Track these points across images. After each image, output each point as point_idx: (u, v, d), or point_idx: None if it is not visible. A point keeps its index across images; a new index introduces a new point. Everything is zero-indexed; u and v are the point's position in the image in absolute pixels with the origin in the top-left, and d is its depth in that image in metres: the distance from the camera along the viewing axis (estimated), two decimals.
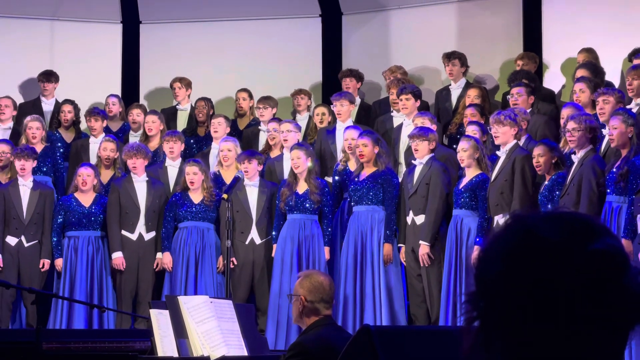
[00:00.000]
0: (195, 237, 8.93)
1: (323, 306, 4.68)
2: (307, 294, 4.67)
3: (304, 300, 4.66)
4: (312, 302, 4.66)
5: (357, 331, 3.87)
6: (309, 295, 4.67)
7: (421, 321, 8.40)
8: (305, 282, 4.72)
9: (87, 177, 8.99)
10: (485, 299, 1.40)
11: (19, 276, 8.96)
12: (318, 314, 4.67)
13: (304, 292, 4.68)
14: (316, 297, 4.66)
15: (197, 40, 11.76)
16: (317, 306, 4.67)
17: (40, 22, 11.68)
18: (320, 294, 4.67)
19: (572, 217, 1.40)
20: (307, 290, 4.68)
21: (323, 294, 4.68)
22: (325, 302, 4.69)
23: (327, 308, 4.70)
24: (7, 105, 10.24)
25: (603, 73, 9.38)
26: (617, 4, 10.12)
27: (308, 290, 4.68)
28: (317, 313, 4.67)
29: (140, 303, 8.90)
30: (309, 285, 4.69)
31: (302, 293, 4.69)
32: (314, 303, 4.66)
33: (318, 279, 4.74)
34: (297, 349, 4.53)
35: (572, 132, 7.56)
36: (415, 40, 11.18)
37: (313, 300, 4.66)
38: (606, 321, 1.35)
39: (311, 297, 4.66)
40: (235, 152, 9.26)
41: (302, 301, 4.67)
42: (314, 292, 4.67)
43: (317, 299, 4.66)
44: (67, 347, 5.06)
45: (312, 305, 4.67)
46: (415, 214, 8.45)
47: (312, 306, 4.67)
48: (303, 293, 4.68)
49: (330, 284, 4.77)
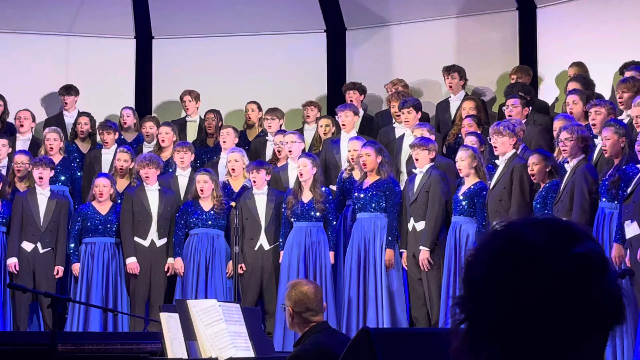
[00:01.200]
0: (205, 243, 9.05)
1: (310, 314, 4.67)
2: (293, 305, 4.68)
3: (292, 311, 4.68)
4: (299, 313, 4.67)
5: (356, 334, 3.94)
6: (295, 306, 4.67)
7: (422, 323, 8.50)
8: (291, 292, 4.72)
9: (103, 188, 9.14)
10: (472, 302, 1.42)
11: (34, 281, 9.09)
12: (308, 322, 4.68)
13: (291, 303, 4.69)
14: (302, 308, 4.67)
15: (207, 54, 11.85)
16: (304, 316, 4.67)
17: (56, 37, 11.79)
18: (305, 304, 4.67)
19: (556, 222, 1.43)
20: (293, 302, 4.69)
21: (308, 303, 4.67)
22: (312, 310, 4.68)
23: (315, 315, 4.69)
24: (26, 117, 10.42)
25: (593, 85, 9.47)
26: (608, 20, 10.21)
27: (294, 301, 4.69)
28: (306, 321, 4.68)
29: (153, 307, 8.97)
30: (294, 296, 4.69)
31: (289, 304, 4.70)
32: (301, 314, 4.67)
33: (302, 289, 4.72)
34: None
35: (565, 141, 7.68)
36: (416, 54, 11.26)
37: (300, 311, 4.67)
38: (587, 322, 1.37)
39: (297, 308, 4.67)
40: (242, 162, 9.38)
41: (290, 311, 4.69)
42: (299, 303, 4.67)
43: (302, 309, 4.67)
44: (81, 348, 5.21)
45: (299, 316, 4.67)
46: (416, 220, 8.58)
47: (299, 316, 4.67)
48: (290, 304, 4.69)
49: (315, 292, 4.73)
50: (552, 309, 1.36)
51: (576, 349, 1.37)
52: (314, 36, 11.87)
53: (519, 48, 10.83)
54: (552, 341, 1.36)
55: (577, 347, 1.37)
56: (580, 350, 1.38)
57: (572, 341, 1.37)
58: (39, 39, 11.77)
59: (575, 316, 1.36)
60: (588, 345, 1.38)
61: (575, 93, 8.85)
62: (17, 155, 9.68)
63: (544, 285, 1.36)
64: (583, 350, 1.38)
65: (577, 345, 1.37)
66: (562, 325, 1.36)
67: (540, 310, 1.36)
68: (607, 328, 1.40)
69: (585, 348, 1.38)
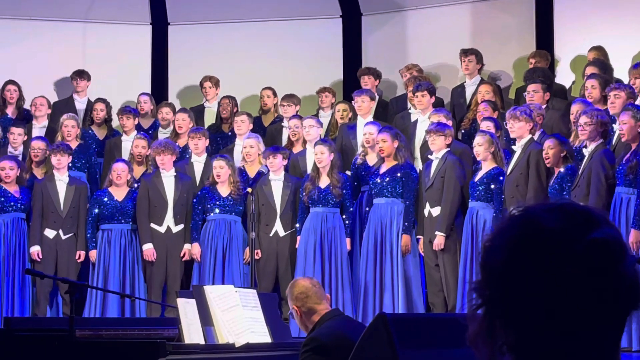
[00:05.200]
0: (222, 229, 9.08)
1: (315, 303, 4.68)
2: (296, 302, 4.69)
3: (297, 309, 4.68)
4: (304, 306, 4.67)
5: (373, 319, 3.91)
6: (298, 302, 4.69)
7: (439, 309, 8.53)
8: (291, 292, 4.74)
9: (121, 172, 9.20)
10: (489, 287, 1.41)
11: (56, 267, 9.17)
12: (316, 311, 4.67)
13: (294, 302, 4.70)
14: (304, 302, 4.67)
15: (223, 40, 11.87)
16: (310, 306, 4.67)
17: (72, 24, 11.83)
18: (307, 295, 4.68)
19: (573, 207, 1.42)
20: (295, 299, 4.70)
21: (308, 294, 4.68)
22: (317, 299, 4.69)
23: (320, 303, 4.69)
24: (42, 104, 10.46)
25: (612, 70, 9.46)
26: (625, 3, 10.20)
27: (295, 299, 4.70)
28: (314, 311, 4.67)
29: (170, 293, 9.02)
30: (295, 295, 4.70)
31: (293, 305, 4.71)
32: (305, 305, 4.67)
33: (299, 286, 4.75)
34: (312, 344, 4.51)
35: (584, 126, 7.69)
36: (431, 40, 11.25)
37: (303, 304, 4.67)
38: (605, 307, 1.37)
39: (300, 304, 4.68)
40: (257, 149, 9.40)
41: (296, 311, 4.69)
42: (300, 299, 4.68)
43: (305, 302, 4.67)
44: (99, 334, 5.15)
45: (305, 309, 4.67)
46: (432, 206, 8.59)
47: (306, 309, 4.67)
48: (294, 304, 4.70)
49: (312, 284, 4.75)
50: (569, 295, 1.36)
51: (593, 335, 1.37)
52: (329, 21, 11.87)
53: (536, 32, 10.81)
54: (569, 327, 1.37)
55: (594, 332, 1.37)
56: (597, 336, 1.38)
57: (589, 327, 1.37)
58: (55, 26, 11.82)
59: (593, 302, 1.36)
60: (605, 331, 1.38)
61: (594, 77, 8.85)
62: (34, 141, 9.74)
63: (561, 270, 1.36)
64: (600, 336, 1.38)
65: (594, 331, 1.37)
66: (579, 310, 1.36)
67: (557, 296, 1.36)
68: (625, 313, 1.39)
69: (602, 333, 1.38)
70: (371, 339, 3.90)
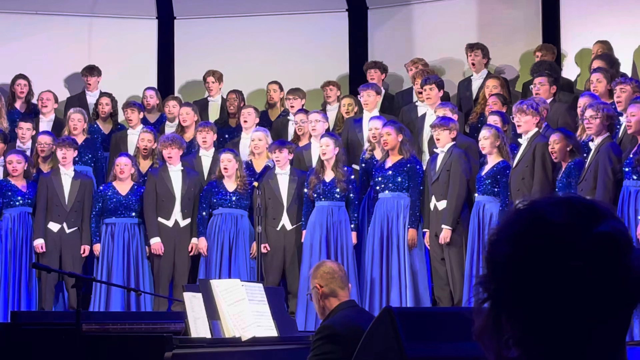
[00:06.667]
0: (229, 223, 9.09)
1: (339, 287, 4.76)
2: (320, 281, 4.76)
3: (320, 287, 4.76)
4: (327, 286, 4.75)
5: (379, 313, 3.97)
6: (323, 281, 4.75)
7: (445, 303, 8.52)
8: (317, 272, 4.82)
9: (124, 167, 9.21)
10: (495, 281, 1.41)
11: (60, 261, 9.18)
12: (336, 296, 4.75)
13: (318, 281, 4.77)
14: (329, 281, 4.75)
15: (229, 34, 11.86)
16: (332, 288, 4.75)
17: (78, 18, 11.83)
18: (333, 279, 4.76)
19: (579, 201, 1.41)
20: (320, 278, 4.77)
21: (335, 276, 4.77)
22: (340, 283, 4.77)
23: (343, 289, 4.78)
24: (49, 98, 10.49)
25: (618, 64, 9.43)
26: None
27: (321, 277, 4.77)
28: (335, 295, 4.75)
29: (177, 287, 9.03)
30: (320, 273, 4.78)
31: (316, 283, 4.78)
32: (329, 286, 4.75)
33: (327, 265, 4.85)
34: (326, 332, 4.58)
35: (590, 119, 7.69)
36: (437, 34, 11.24)
37: (327, 284, 4.75)
38: (611, 301, 1.36)
39: (325, 282, 4.75)
40: (265, 142, 9.40)
41: (318, 289, 4.76)
42: (326, 277, 4.75)
43: (330, 282, 4.75)
44: (105, 328, 5.22)
45: (328, 289, 4.75)
46: (438, 199, 8.59)
47: (328, 290, 4.74)
48: (317, 282, 4.77)
49: (340, 268, 4.86)
50: (575, 288, 1.35)
51: (599, 328, 1.37)
52: (335, 15, 11.86)
53: (542, 25, 10.80)
54: (575, 320, 1.36)
55: (600, 326, 1.37)
56: (604, 329, 1.37)
57: (596, 320, 1.36)
58: (61, 20, 11.82)
59: (599, 295, 1.36)
60: (611, 324, 1.38)
61: (600, 71, 8.85)
62: (41, 136, 9.76)
63: (567, 264, 1.35)
64: (606, 329, 1.38)
65: (601, 324, 1.37)
66: (585, 304, 1.36)
67: (563, 290, 1.35)
68: (631, 307, 1.39)
69: (608, 327, 1.38)
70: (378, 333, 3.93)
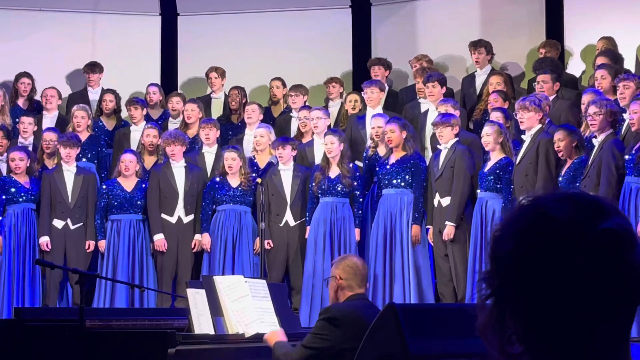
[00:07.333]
0: (233, 220, 9.10)
1: (357, 284, 4.87)
2: (342, 273, 4.86)
3: (339, 279, 4.87)
4: (347, 280, 4.86)
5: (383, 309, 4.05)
6: (344, 274, 4.86)
7: (448, 299, 8.53)
8: (341, 263, 4.92)
9: (129, 163, 9.21)
10: (498, 277, 1.41)
11: (65, 257, 9.20)
12: (352, 290, 4.86)
13: (340, 272, 4.87)
14: (350, 276, 4.86)
15: (232, 31, 11.86)
16: (351, 283, 4.86)
17: (82, 15, 11.84)
18: (355, 273, 4.87)
19: (582, 197, 1.41)
20: (342, 270, 4.87)
21: (357, 273, 4.88)
22: (359, 281, 4.89)
23: (361, 287, 4.89)
24: (53, 95, 10.50)
25: (622, 60, 9.45)
26: None
27: (343, 269, 4.87)
28: (351, 290, 4.86)
29: (180, 283, 9.01)
30: (344, 266, 4.88)
31: (337, 273, 4.88)
32: (349, 280, 4.86)
33: (353, 260, 4.97)
34: (326, 314, 4.77)
35: (593, 116, 7.68)
36: (441, 30, 11.24)
37: (347, 278, 4.86)
38: (614, 298, 1.36)
39: (346, 276, 4.85)
40: (268, 138, 9.41)
41: (337, 279, 4.88)
42: (348, 271, 4.86)
43: (351, 277, 4.86)
44: (109, 324, 5.22)
45: (346, 283, 4.86)
46: (441, 196, 8.60)
47: (346, 283, 4.86)
48: (338, 273, 4.88)
49: (364, 266, 4.98)
50: (579, 285, 1.35)
51: (603, 325, 1.37)
52: (339, 12, 11.87)
53: (546, 22, 10.80)
54: (579, 317, 1.36)
55: (603, 323, 1.37)
56: (607, 326, 1.37)
57: (599, 317, 1.36)
58: (64, 16, 11.83)
59: (602, 292, 1.35)
60: (614, 321, 1.38)
61: (604, 68, 8.84)
62: (46, 133, 9.77)
63: (570, 260, 1.35)
64: (609, 326, 1.37)
65: (604, 321, 1.37)
66: (589, 301, 1.35)
67: (566, 286, 1.35)
68: (634, 303, 1.39)
69: (611, 324, 1.37)
70: (381, 329, 3.99)
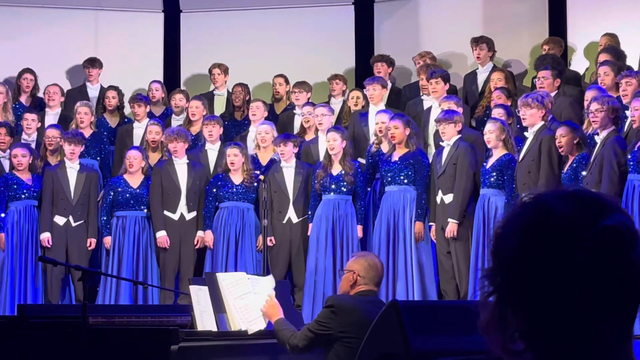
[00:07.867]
0: (235, 216, 9.10)
1: (373, 283, 4.94)
2: (361, 270, 4.92)
3: (357, 275, 4.92)
4: (364, 278, 4.92)
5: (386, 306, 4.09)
6: (363, 271, 4.91)
7: (451, 296, 8.53)
8: (361, 260, 4.97)
9: (134, 160, 9.23)
10: (501, 274, 1.41)
11: (66, 254, 9.20)
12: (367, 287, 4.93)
13: (359, 268, 4.93)
14: (368, 274, 4.92)
15: (235, 28, 11.88)
16: (367, 281, 4.91)
17: (85, 12, 11.86)
18: (373, 273, 4.93)
19: (585, 194, 1.41)
20: (362, 267, 4.93)
21: (375, 273, 4.94)
22: (375, 282, 4.95)
23: (375, 286, 4.96)
24: (56, 92, 10.52)
25: (625, 57, 9.44)
26: None
27: (362, 267, 4.93)
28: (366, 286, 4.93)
29: (183, 280, 9.03)
30: (365, 264, 4.94)
31: (356, 269, 4.94)
32: (365, 279, 4.92)
33: (373, 260, 5.01)
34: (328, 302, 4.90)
35: (595, 113, 7.68)
36: (444, 27, 11.24)
37: (364, 276, 4.92)
38: (617, 295, 1.36)
39: (364, 274, 4.91)
40: (271, 135, 9.41)
41: (355, 275, 4.92)
42: (367, 270, 4.92)
43: (368, 276, 4.92)
44: (111, 321, 5.26)
45: (362, 281, 4.91)
46: (444, 193, 8.59)
47: (362, 281, 4.91)
48: (357, 269, 4.93)
49: (382, 268, 5.04)
50: (581, 282, 1.35)
51: (605, 322, 1.37)
52: (342, 9, 11.88)
53: (549, 19, 10.79)
54: (581, 314, 1.36)
55: (605, 319, 1.37)
56: (610, 324, 1.37)
57: (601, 314, 1.37)
58: (67, 13, 11.85)
59: (605, 289, 1.36)
60: (617, 318, 1.38)
61: (607, 64, 8.84)
62: (49, 130, 9.78)
63: (572, 258, 1.35)
64: (612, 323, 1.38)
65: (606, 318, 1.37)
66: (591, 298, 1.36)
67: (568, 283, 1.35)
68: (637, 301, 1.39)
69: (613, 321, 1.38)
70: (384, 325, 4.03)
